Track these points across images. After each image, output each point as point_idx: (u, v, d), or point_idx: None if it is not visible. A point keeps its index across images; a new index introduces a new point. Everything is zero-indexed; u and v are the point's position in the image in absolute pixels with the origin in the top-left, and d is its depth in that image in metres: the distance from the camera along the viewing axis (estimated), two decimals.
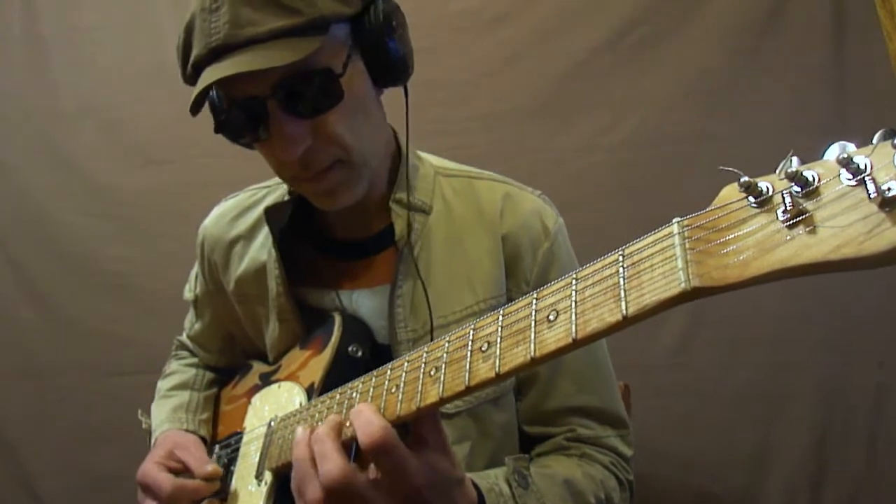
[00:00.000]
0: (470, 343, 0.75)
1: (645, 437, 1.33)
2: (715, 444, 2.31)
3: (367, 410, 0.81)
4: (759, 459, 2.29)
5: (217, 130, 1.09)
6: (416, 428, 0.84)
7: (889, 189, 0.45)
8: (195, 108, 1.03)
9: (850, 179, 0.48)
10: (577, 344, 0.64)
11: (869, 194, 0.46)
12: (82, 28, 2.70)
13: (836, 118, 2.30)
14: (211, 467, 1.22)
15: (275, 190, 1.36)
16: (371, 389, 0.89)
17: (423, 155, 1.32)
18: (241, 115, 1.04)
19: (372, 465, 0.81)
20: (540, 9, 2.52)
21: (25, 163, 2.69)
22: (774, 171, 0.53)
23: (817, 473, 2.27)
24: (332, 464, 0.80)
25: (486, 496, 0.96)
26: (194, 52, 1.02)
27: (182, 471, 1.24)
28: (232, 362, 1.50)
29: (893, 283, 2.22)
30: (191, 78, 1.04)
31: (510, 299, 1.20)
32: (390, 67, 1.10)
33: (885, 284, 2.22)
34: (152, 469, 1.22)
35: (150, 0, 2.65)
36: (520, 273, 1.23)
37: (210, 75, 0.98)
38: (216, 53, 0.99)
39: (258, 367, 1.38)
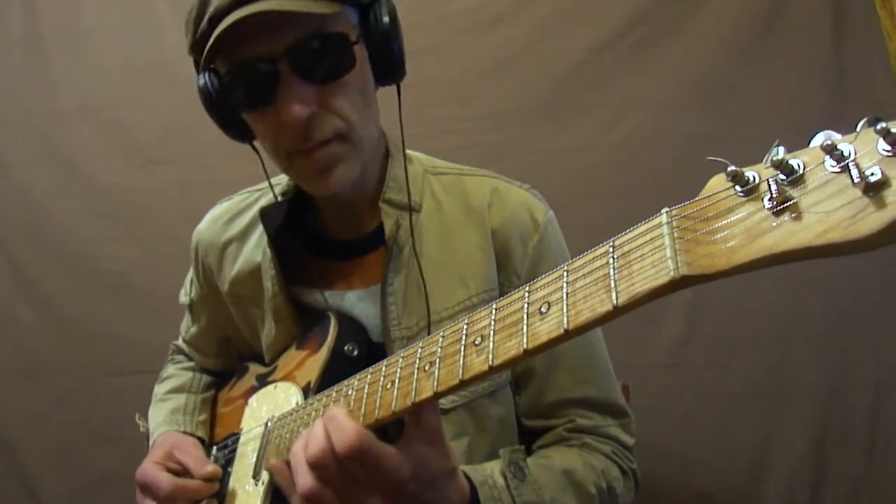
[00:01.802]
0: (464, 338, 0.76)
1: (644, 437, 1.33)
2: (714, 444, 2.31)
3: (339, 416, 0.83)
4: (759, 459, 2.29)
5: (215, 103, 1.10)
6: (409, 417, 0.85)
7: (872, 174, 0.45)
8: (213, 53, 1.02)
9: (834, 166, 0.48)
10: (568, 335, 0.64)
11: (853, 180, 0.46)
12: (82, 28, 2.71)
13: (836, 118, 2.28)
14: (210, 468, 1.23)
15: (267, 192, 1.36)
16: (366, 386, 0.90)
17: (413, 154, 1.32)
18: (247, 78, 1.04)
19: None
20: (540, 9, 2.52)
21: (25, 163, 2.69)
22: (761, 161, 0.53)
23: (817, 473, 2.27)
24: (316, 446, 0.83)
25: (479, 489, 0.96)
26: (214, 4, 1.00)
27: (181, 472, 1.24)
28: (228, 365, 1.50)
29: (893, 283, 2.22)
30: (204, 34, 1.03)
31: (502, 293, 1.20)
32: (390, 63, 1.12)
33: (885, 283, 2.22)
34: (151, 469, 1.22)
35: (149, 0, 2.66)
36: (511, 267, 1.23)
37: (236, 15, 0.97)
38: (240, 1, 0.98)
39: (255, 369, 1.39)
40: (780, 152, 0.51)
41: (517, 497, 1.00)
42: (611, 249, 0.63)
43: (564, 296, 0.65)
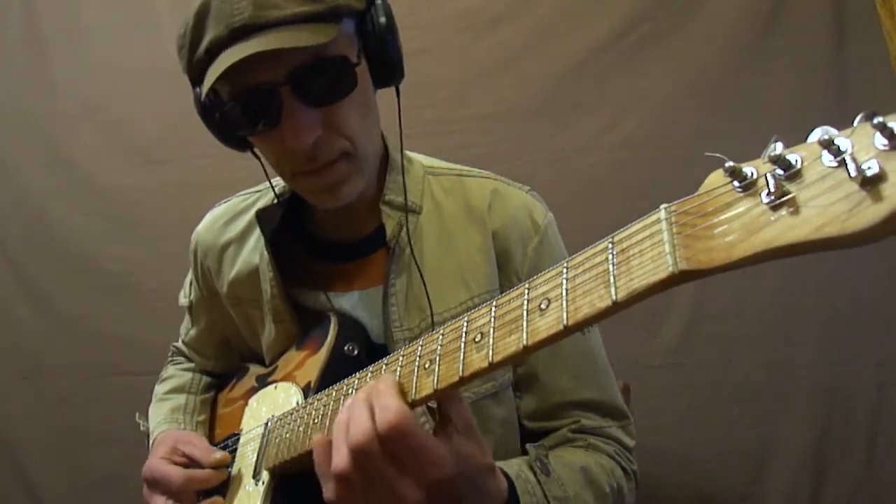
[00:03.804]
0: (464, 335, 0.76)
1: (645, 437, 1.33)
2: (714, 443, 2.31)
3: (385, 392, 0.78)
4: (759, 459, 2.29)
5: (215, 123, 1.09)
6: (441, 410, 0.82)
7: (869, 168, 0.46)
8: (213, 92, 1.02)
9: (831, 161, 0.49)
10: (568, 330, 0.64)
11: (850, 174, 0.47)
12: (82, 28, 2.71)
13: (836, 118, 2.27)
14: (219, 454, 1.22)
15: (265, 194, 1.36)
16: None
17: (413, 155, 1.32)
18: (249, 103, 1.03)
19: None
20: (540, 9, 2.53)
21: (25, 163, 2.69)
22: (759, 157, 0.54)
23: (817, 473, 2.27)
24: (359, 427, 0.76)
25: (515, 482, 0.95)
26: (210, 35, 1.00)
27: (188, 465, 1.23)
28: (228, 367, 1.49)
29: (894, 282, 2.22)
30: (201, 62, 1.03)
31: None
32: (390, 66, 1.11)
33: (886, 283, 2.22)
34: (159, 463, 1.21)
35: (149, 0, 2.67)
36: (511, 268, 1.23)
37: (236, 53, 0.97)
38: (238, 34, 0.98)
39: (255, 370, 1.38)
40: (777, 148, 0.51)
41: (547, 491, 1.00)
42: (610, 245, 0.63)
43: (564, 292, 0.65)
